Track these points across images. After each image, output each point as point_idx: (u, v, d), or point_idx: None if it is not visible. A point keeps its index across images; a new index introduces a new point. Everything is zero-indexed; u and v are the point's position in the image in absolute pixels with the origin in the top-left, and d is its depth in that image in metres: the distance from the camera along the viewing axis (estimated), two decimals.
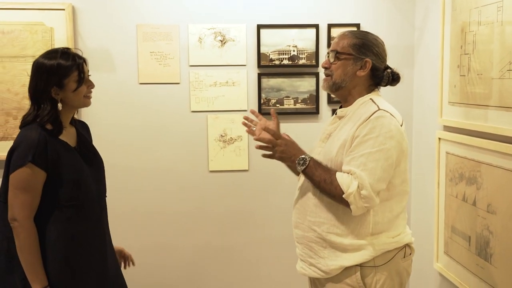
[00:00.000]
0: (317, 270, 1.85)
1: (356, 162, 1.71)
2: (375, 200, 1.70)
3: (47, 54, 1.89)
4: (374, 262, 1.79)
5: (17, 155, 1.78)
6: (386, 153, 1.70)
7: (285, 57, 2.92)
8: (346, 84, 1.85)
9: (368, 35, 1.88)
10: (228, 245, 3.03)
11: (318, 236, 1.84)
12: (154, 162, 2.93)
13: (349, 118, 1.83)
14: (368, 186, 1.67)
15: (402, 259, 1.85)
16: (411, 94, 3.01)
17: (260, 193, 3.01)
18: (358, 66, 1.83)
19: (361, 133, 1.73)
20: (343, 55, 1.84)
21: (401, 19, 2.97)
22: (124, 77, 2.86)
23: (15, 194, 1.78)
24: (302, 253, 1.92)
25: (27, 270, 1.78)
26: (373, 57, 1.84)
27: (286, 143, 1.83)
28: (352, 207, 1.70)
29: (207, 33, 2.88)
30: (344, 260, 1.79)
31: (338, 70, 1.85)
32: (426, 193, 2.84)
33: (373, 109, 1.76)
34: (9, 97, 2.77)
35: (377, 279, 1.79)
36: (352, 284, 1.79)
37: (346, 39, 1.86)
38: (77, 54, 1.91)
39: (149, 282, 3.00)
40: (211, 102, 2.92)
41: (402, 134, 1.77)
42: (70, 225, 1.86)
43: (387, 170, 1.72)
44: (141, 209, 2.96)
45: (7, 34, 2.73)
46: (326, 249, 1.82)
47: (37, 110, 1.85)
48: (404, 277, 1.87)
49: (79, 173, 1.89)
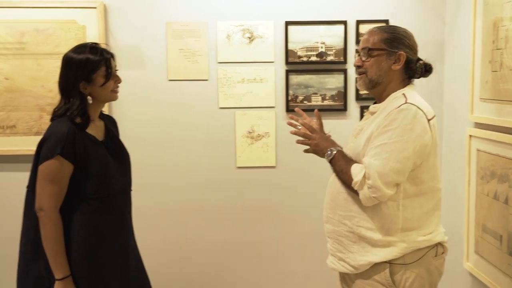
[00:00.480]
0: (346, 265, 1.85)
1: (371, 152, 1.72)
2: (383, 190, 1.68)
3: (76, 48, 1.94)
4: (404, 259, 1.77)
5: (46, 147, 1.83)
6: (402, 145, 1.69)
7: (313, 53, 2.92)
8: (383, 80, 1.84)
9: (397, 28, 1.87)
10: (255, 241, 3.05)
11: (348, 230, 1.83)
12: (182, 158, 2.97)
13: (380, 112, 1.82)
14: (375, 175, 1.67)
15: (434, 258, 1.82)
16: (442, 91, 2.96)
17: (287, 190, 3.02)
18: (392, 60, 1.82)
19: (382, 124, 1.73)
20: (376, 51, 1.83)
21: (431, 14, 2.93)
22: (154, 74, 2.90)
23: (42, 185, 1.83)
24: (332, 247, 1.92)
25: (51, 259, 1.83)
26: (406, 50, 1.82)
27: (320, 136, 1.91)
28: (360, 196, 1.72)
29: (235, 30, 2.90)
30: (373, 256, 1.78)
31: (373, 67, 1.83)
32: (456, 191, 2.79)
33: (400, 102, 1.75)
34: (43, 93, 2.85)
35: (407, 277, 1.77)
36: (381, 281, 1.78)
37: (376, 35, 1.84)
38: (105, 49, 1.96)
39: (176, 278, 3.04)
40: (239, 98, 2.94)
41: (426, 128, 1.73)
42: (94, 217, 1.90)
43: (402, 162, 1.69)
44: (168, 205, 3.00)
45: (41, 32, 2.81)
46: (356, 244, 1.82)
47: (67, 104, 1.90)
48: (435, 276, 1.84)
49: (105, 166, 1.93)
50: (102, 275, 1.92)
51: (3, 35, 2.79)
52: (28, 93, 2.84)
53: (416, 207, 1.79)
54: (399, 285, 1.78)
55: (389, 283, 1.77)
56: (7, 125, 2.86)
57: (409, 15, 2.92)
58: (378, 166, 1.68)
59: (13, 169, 2.91)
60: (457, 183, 2.78)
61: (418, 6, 2.92)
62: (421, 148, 1.73)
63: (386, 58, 1.82)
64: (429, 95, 2.92)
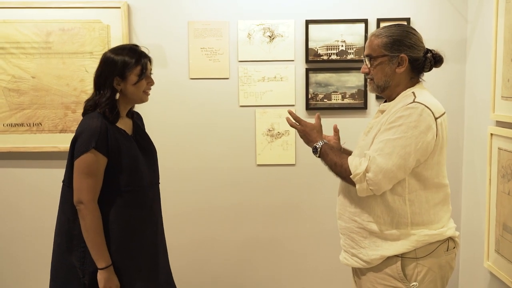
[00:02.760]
0: (358, 260, 1.88)
1: (375, 147, 1.75)
2: (381, 184, 1.72)
3: (116, 49, 2.02)
4: (416, 253, 1.79)
5: (80, 142, 1.89)
6: (405, 141, 1.71)
7: (333, 52, 2.93)
8: (390, 84, 1.87)
9: (398, 29, 1.86)
10: (275, 238, 3.08)
11: (358, 226, 1.86)
12: (203, 156, 3.01)
13: (388, 111, 1.84)
14: (376, 169, 1.70)
15: (445, 252, 1.84)
16: (463, 89, 2.95)
17: (307, 187, 3.04)
18: (395, 64, 1.84)
19: (388, 121, 1.76)
20: (378, 58, 1.85)
21: (453, 13, 2.91)
22: (176, 72, 2.95)
23: (80, 179, 1.89)
24: (344, 243, 1.95)
25: (93, 250, 1.89)
26: (407, 50, 1.83)
27: (304, 129, 1.98)
28: (357, 187, 1.76)
29: (256, 29, 2.93)
30: (385, 250, 1.81)
31: (378, 74, 1.87)
32: (477, 190, 2.78)
33: (408, 101, 1.77)
34: (68, 91, 2.92)
35: (418, 270, 1.79)
36: (392, 274, 1.81)
37: (376, 40, 1.86)
38: (144, 52, 2.03)
39: (198, 275, 3.09)
40: (259, 97, 2.97)
41: (430, 126, 1.73)
42: (126, 209, 1.96)
43: (404, 157, 1.71)
44: (189, 203, 3.04)
45: (67, 31, 2.87)
46: (367, 239, 1.85)
47: (97, 96, 1.97)
48: (446, 270, 1.85)
49: (135, 160, 2.00)
50: (133, 266, 1.98)
51: (30, 35, 2.87)
52: (53, 91, 2.91)
53: (423, 201, 1.81)
54: (410, 278, 1.80)
55: (401, 276, 1.79)
56: (34, 122, 2.93)
57: (430, 13, 2.91)
58: (381, 162, 1.71)
59: (40, 166, 2.99)
60: (477, 181, 2.77)
61: (440, 4, 2.91)
62: (424, 146, 1.74)
63: (389, 63, 1.84)
64: (451, 93, 2.92)
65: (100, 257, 1.89)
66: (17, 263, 3.06)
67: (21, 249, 3.05)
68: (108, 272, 1.90)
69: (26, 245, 3.04)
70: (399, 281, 1.80)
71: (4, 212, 3.03)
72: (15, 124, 2.93)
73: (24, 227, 3.03)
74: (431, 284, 1.81)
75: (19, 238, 3.04)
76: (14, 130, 2.93)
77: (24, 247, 3.05)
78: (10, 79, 2.90)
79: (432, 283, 1.81)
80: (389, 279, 1.81)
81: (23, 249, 3.05)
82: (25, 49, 2.88)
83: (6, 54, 2.88)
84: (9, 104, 2.92)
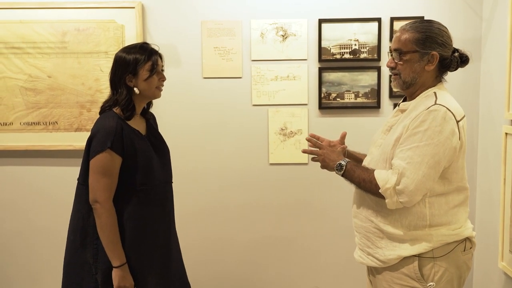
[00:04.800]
0: (374, 260, 1.87)
1: (403, 154, 1.72)
2: (413, 197, 1.70)
3: (127, 48, 2.05)
4: (433, 253, 1.78)
5: (96, 142, 1.92)
6: (433, 149, 1.69)
7: (347, 51, 2.92)
8: (417, 81, 1.83)
9: (430, 26, 1.82)
10: (287, 237, 3.08)
11: (375, 227, 1.85)
12: (215, 155, 3.03)
13: (409, 111, 1.82)
14: (407, 182, 1.68)
15: (462, 252, 1.82)
16: (478, 88, 2.92)
17: (319, 186, 3.03)
18: (425, 61, 1.81)
19: (412, 125, 1.73)
20: (408, 54, 1.81)
21: (468, 10, 2.88)
22: (189, 71, 2.97)
23: (96, 178, 1.92)
24: (360, 242, 1.94)
25: (108, 248, 1.92)
26: (439, 48, 1.80)
27: (325, 151, 1.95)
28: (387, 201, 1.73)
29: (269, 28, 2.93)
30: (402, 250, 1.79)
31: (406, 70, 1.83)
32: (491, 190, 2.75)
33: (429, 103, 1.75)
34: (83, 90, 2.95)
35: (436, 270, 1.78)
36: (409, 274, 1.80)
37: (407, 34, 1.81)
38: (154, 49, 2.06)
39: (211, 274, 3.11)
40: (272, 96, 2.98)
41: (454, 130, 1.71)
42: (139, 208, 1.99)
43: (434, 167, 1.70)
44: (202, 202, 3.06)
45: (82, 31, 2.91)
46: (383, 240, 1.84)
47: (115, 95, 2.01)
48: (463, 270, 1.84)
49: (149, 159, 2.02)
50: (146, 264, 2.01)
51: (46, 35, 2.91)
52: (69, 90, 2.95)
53: (443, 204, 1.79)
54: (427, 278, 1.78)
55: (418, 276, 1.78)
56: (50, 121, 2.98)
57: (445, 12, 2.88)
58: (411, 173, 1.68)
59: (55, 164, 3.03)
60: (492, 181, 2.74)
61: (454, 2, 2.89)
62: (451, 152, 1.72)
63: (419, 60, 1.81)
64: (465, 92, 2.90)
65: (115, 255, 1.92)
66: (33, 260, 3.11)
67: (36, 246, 3.10)
68: (122, 271, 1.93)
69: (42, 242, 3.09)
70: (416, 281, 1.79)
71: (20, 209, 3.08)
72: (31, 122, 2.98)
73: (39, 224, 3.08)
74: (448, 284, 1.80)
75: (33, 235, 3.09)
76: (31, 129, 2.98)
77: (40, 244, 3.10)
78: (26, 78, 2.95)
79: (449, 283, 1.80)
80: (405, 278, 1.80)
81: (38, 246, 3.10)
82: (41, 49, 2.93)
83: (23, 54, 2.93)
84: (25, 103, 2.96)
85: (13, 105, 2.97)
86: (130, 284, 1.94)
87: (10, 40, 2.92)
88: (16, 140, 2.99)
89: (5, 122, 2.98)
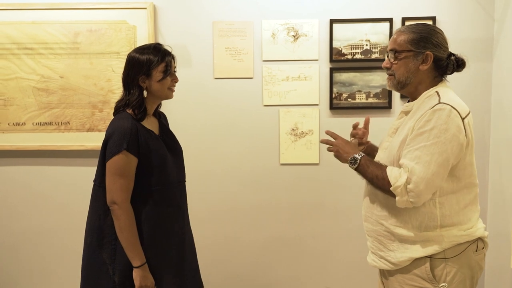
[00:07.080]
0: (387, 263, 1.87)
1: (411, 155, 1.72)
2: (422, 196, 1.70)
3: (140, 48, 2.05)
4: (445, 254, 1.78)
5: (112, 144, 1.93)
6: (440, 147, 1.69)
7: (358, 51, 2.92)
8: (411, 81, 1.85)
9: (425, 27, 1.85)
10: (298, 237, 3.09)
11: (386, 230, 1.86)
12: (226, 155, 3.04)
13: (414, 112, 1.83)
14: (418, 181, 1.68)
15: (474, 253, 1.82)
16: (490, 88, 2.91)
17: (330, 187, 3.04)
18: (420, 61, 1.82)
19: (417, 126, 1.73)
20: (403, 53, 1.84)
21: (480, 11, 2.88)
22: (201, 72, 2.98)
23: (113, 179, 1.93)
24: (372, 246, 1.95)
25: (128, 249, 1.93)
26: (433, 49, 1.82)
27: (340, 142, 1.96)
28: (397, 199, 1.74)
29: (280, 28, 2.94)
30: (414, 252, 1.80)
31: (400, 69, 1.85)
32: (503, 191, 2.75)
33: (433, 102, 1.75)
34: (95, 91, 2.97)
35: (448, 271, 1.78)
36: (421, 275, 1.80)
37: (402, 35, 1.85)
38: (167, 50, 2.07)
39: (223, 274, 3.11)
40: (283, 96, 2.98)
41: (460, 127, 1.72)
42: (155, 207, 2.00)
43: (443, 165, 1.70)
44: (213, 202, 3.07)
45: (94, 32, 2.92)
46: (395, 242, 1.84)
47: (128, 96, 2.02)
48: (476, 271, 1.84)
49: (164, 159, 2.03)
50: (163, 262, 2.02)
51: (58, 36, 2.93)
52: (81, 91, 2.97)
53: (453, 203, 1.79)
54: (439, 279, 1.78)
55: (430, 277, 1.78)
56: (62, 121, 2.99)
57: (456, 12, 2.88)
58: (421, 171, 1.69)
59: (67, 164, 3.05)
60: (504, 181, 2.74)
61: (466, 2, 2.88)
62: (458, 149, 1.73)
63: (413, 59, 1.83)
64: (478, 92, 2.89)
65: (135, 255, 1.93)
66: (45, 260, 3.13)
67: (48, 246, 3.12)
68: (143, 270, 1.94)
69: (54, 241, 3.11)
70: (428, 282, 1.79)
71: (33, 209, 3.10)
72: (44, 123, 2.99)
73: (51, 224, 3.10)
74: (461, 285, 1.79)
75: (45, 234, 3.11)
76: (43, 129, 3.00)
77: (51, 243, 3.11)
78: (39, 79, 2.96)
79: (461, 283, 1.80)
80: (417, 280, 1.81)
81: (50, 245, 3.11)
82: (53, 50, 2.94)
83: (35, 55, 2.94)
84: (38, 103, 2.98)
85: (26, 106, 2.99)
86: (152, 283, 1.95)
87: (22, 41, 2.94)
88: (28, 140, 3.01)
89: (17, 122, 3.00)
